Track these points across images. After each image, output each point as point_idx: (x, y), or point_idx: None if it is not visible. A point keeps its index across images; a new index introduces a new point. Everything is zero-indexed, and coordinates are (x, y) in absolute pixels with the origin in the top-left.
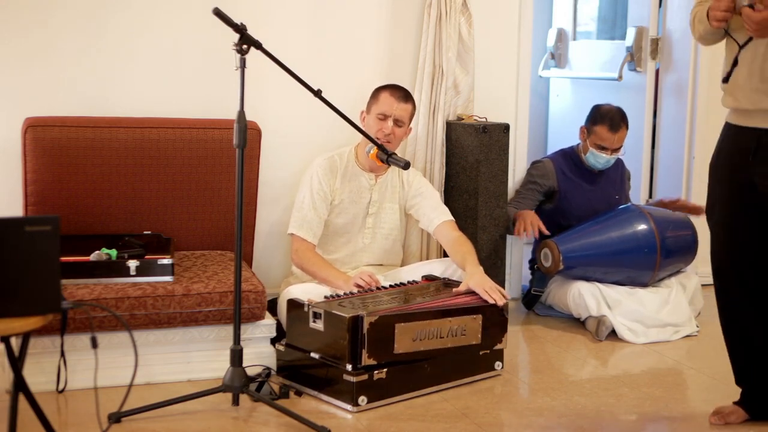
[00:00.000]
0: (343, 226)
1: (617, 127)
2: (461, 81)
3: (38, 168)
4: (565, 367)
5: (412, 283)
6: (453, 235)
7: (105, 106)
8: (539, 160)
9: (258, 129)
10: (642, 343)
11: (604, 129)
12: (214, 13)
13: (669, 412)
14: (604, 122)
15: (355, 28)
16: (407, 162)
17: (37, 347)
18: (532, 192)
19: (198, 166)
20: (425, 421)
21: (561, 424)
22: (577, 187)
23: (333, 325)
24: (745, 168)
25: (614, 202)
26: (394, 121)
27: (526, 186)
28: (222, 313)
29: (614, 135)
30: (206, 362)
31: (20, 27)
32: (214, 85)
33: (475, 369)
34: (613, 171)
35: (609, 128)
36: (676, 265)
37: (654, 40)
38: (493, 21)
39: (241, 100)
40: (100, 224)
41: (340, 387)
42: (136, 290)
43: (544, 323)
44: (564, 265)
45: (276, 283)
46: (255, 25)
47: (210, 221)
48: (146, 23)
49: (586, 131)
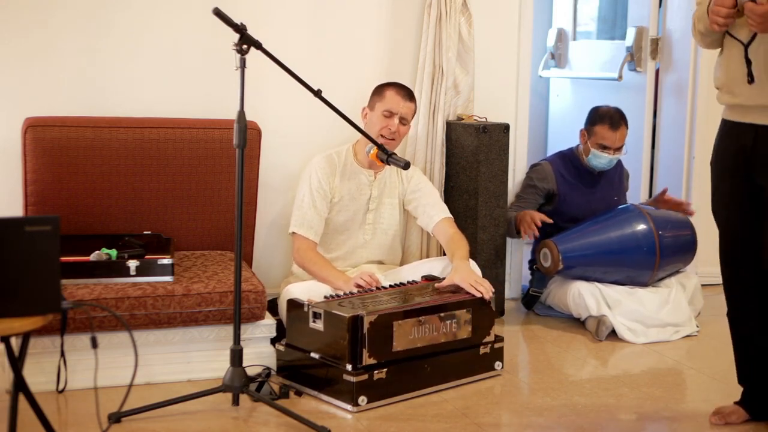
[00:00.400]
0: (343, 224)
1: (617, 125)
2: (461, 81)
3: (38, 168)
4: (565, 367)
5: (412, 283)
6: (450, 233)
7: (105, 106)
8: (538, 163)
9: (258, 129)
10: (642, 343)
11: (604, 128)
12: (214, 13)
13: (669, 412)
14: (605, 122)
15: (355, 28)
16: (407, 162)
17: (37, 347)
18: (531, 195)
19: (198, 166)
20: (425, 421)
21: (561, 424)
22: (576, 189)
23: (333, 325)
24: (744, 163)
25: (613, 204)
26: (399, 119)
27: (525, 190)
28: (222, 313)
29: (615, 133)
30: (206, 362)
31: (20, 27)
32: (214, 85)
33: (475, 369)
34: (611, 171)
35: (610, 127)
36: (676, 265)
37: (654, 40)
38: (493, 21)
39: (241, 100)
40: (100, 224)
41: (340, 387)
42: (136, 290)
43: (544, 323)
44: (563, 264)
45: (276, 283)
46: (255, 25)
47: (210, 221)
48: (146, 23)
49: (586, 133)
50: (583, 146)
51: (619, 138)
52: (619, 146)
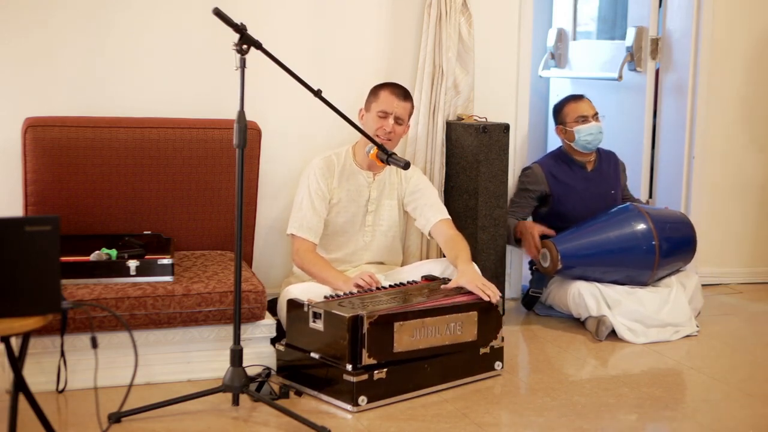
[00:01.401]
0: (342, 225)
1: (579, 97)
2: (461, 81)
3: (38, 168)
4: (565, 366)
5: (412, 283)
6: (449, 234)
7: (105, 106)
8: (528, 167)
9: (258, 129)
10: (642, 343)
11: (571, 104)
12: (214, 13)
13: (669, 412)
14: (568, 100)
15: (355, 28)
16: (407, 162)
17: (37, 347)
18: (525, 199)
19: (198, 166)
20: (425, 421)
21: (561, 424)
22: (570, 188)
23: (333, 325)
24: None
25: (610, 198)
26: (394, 119)
27: (519, 194)
28: (222, 313)
29: (582, 103)
30: (206, 362)
31: (20, 27)
32: (214, 85)
33: (475, 369)
34: (606, 165)
35: (574, 100)
36: (675, 264)
37: (654, 40)
38: (493, 21)
39: (241, 100)
40: (100, 224)
41: (340, 387)
42: (136, 290)
43: (544, 323)
44: (562, 264)
45: (276, 283)
46: (255, 25)
47: (210, 221)
48: (146, 23)
49: (561, 126)
50: (566, 140)
51: (588, 106)
52: (595, 113)
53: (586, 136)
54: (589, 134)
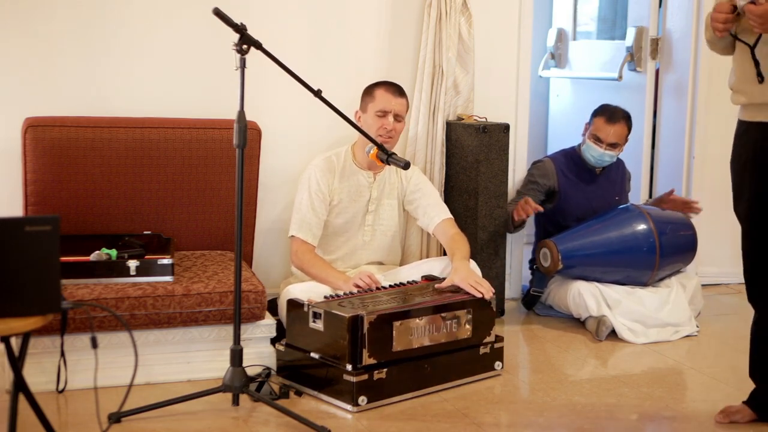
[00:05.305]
0: (342, 225)
1: (615, 119)
2: (461, 81)
3: (38, 168)
4: (565, 366)
5: (412, 283)
6: (451, 233)
7: (105, 106)
8: (540, 160)
9: (258, 129)
10: (642, 343)
11: (601, 120)
12: (214, 13)
13: (669, 412)
14: (603, 114)
15: (355, 28)
16: (407, 162)
17: (37, 347)
18: (532, 192)
19: (198, 166)
20: (425, 421)
21: (561, 424)
22: (577, 187)
23: (333, 325)
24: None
25: (614, 203)
26: (393, 116)
27: (526, 186)
28: (222, 313)
29: (610, 127)
30: (206, 362)
31: (20, 27)
32: (214, 85)
33: (475, 369)
34: (614, 172)
35: (606, 119)
36: (676, 265)
37: (654, 40)
38: (493, 21)
39: (241, 100)
40: (100, 224)
41: (340, 387)
42: (136, 290)
43: (544, 323)
44: (563, 264)
45: (276, 283)
46: (255, 25)
47: (210, 221)
48: (146, 23)
49: (586, 125)
50: (582, 138)
51: (613, 133)
52: (612, 142)
53: (588, 154)
54: (591, 154)
